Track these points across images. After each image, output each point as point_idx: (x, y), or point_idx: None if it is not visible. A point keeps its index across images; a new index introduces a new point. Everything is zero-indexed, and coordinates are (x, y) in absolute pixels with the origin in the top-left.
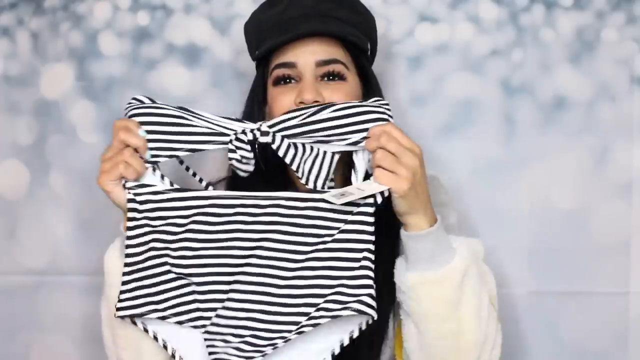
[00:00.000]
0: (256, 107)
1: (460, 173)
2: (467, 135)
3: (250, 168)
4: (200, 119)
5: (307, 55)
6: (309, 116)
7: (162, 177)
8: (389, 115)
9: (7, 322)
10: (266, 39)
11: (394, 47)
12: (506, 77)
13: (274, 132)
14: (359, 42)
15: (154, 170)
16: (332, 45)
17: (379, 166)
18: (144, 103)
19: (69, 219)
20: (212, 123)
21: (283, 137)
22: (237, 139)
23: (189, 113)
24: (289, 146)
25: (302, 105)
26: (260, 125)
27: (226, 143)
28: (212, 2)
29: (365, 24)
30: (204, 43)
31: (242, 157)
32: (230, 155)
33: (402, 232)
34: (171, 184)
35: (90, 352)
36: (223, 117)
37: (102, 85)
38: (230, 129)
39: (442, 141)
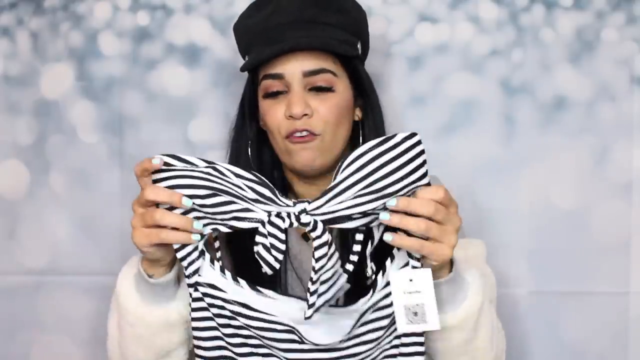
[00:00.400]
0: (247, 114)
1: (460, 173)
2: (467, 135)
3: (277, 265)
4: (231, 185)
5: (295, 66)
6: (351, 199)
7: (223, 270)
8: (425, 173)
9: (7, 322)
10: (253, 45)
11: (394, 47)
12: (506, 77)
13: (315, 219)
14: (348, 50)
15: (212, 262)
16: (319, 54)
17: (422, 237)
18: (171, 166)
19: (69, 219)
20: (245, 200)
21: (324, 223)
22: (272, 223)
23: (220, 178)
24: (324, 231)
25: (292, 120)
26: (301, 212)
27: (258, 221)
28: (212, 2)
29: (355, 23)
30: (204, 43)
31: (272, 246)
32: (259, 239)
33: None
34: (234, 280)
35: (90, 352)
36: (256, 182)
37: (102, 85)
38: (265, 203)
39: (442, 141)
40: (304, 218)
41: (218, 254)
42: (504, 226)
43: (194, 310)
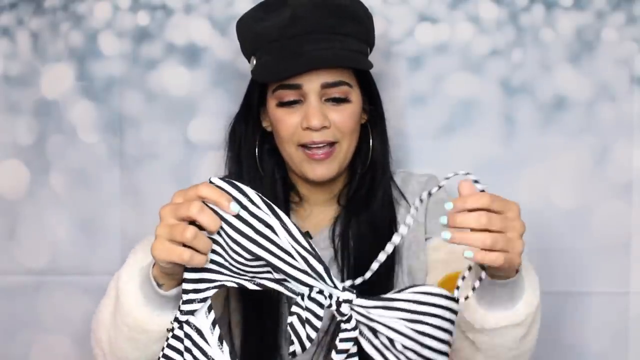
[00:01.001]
0: (253, 113)
1: None
2: (467, 135)
3: (308, 343)
4: (280, 249)
5: (313, 78)
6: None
7: (214, 324)
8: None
9: (7, 322)
10: (264, 52)
11: (394, 47)
12: (506, 77)
13: (352, 315)
14: (367, 63)
15: (208, 310)
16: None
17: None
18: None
19: (69, 219)
20: (293, 267)
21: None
22: (312, 299)
23: (273, 231)
24: (355, 329)
25: (309, 131)
26: (350, 300)
27: (298, 294)
28: (212, 2)
29: (366, 31)
30: (204, 43)
31: (308, 321)
32: (296, 309)
33: (485, 277)
34: (219, 340)
35: (90, 352)
36: (311, 253)
37: (102, 85)
38: (313, 278)
39: (442, 141)
40: (344, 309)
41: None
42: None
43: (169, 347)
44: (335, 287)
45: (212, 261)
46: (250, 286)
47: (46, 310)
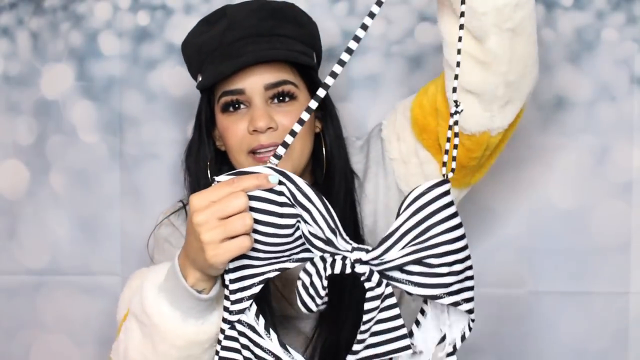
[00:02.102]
0: (205, 134)
1: None
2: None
3: (314, 307)
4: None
5: (255, 80)
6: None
7: (257, 315)
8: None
9: (7, 322)
10: (208, 63)
11: (394, 47)
12: None
13: (372, 269)
14: (306, 59)
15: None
16: (279, 65)
17: None
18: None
19: (69, 219)
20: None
21: (381, 276)
22: (316, 263)
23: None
24: (380, 284)
25: (256, 135)
26: (360, 259)
27: (302, 260)
28: (212, 2)
29: (309, 35)
30: None
31: (313, 285)
32: (302, 275)
33: None
34: (266, 330)
35: (90, 352)
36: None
37: (102, 85)
38: (323, 241)
39: None
40: (359, 268)
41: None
42: (504, 226)
43: (223, 349)
44: (345, 250)
45: (248, 256)
46: (291, 265)
47: (46, 310)
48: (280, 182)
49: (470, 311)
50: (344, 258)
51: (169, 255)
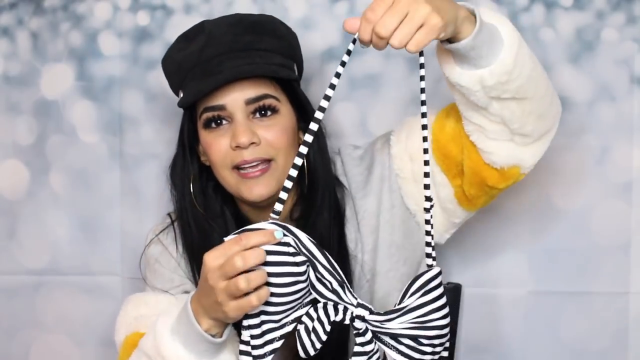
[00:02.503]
0: (188, 151)
1: None
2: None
3: (312, 351)
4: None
5: (236, 95)
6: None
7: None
8: None
9: (7, 322)
10: (188, 80)
11: None
12: None
13: (367, 327)
14: (286, 72)
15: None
16: (259, 80)
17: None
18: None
19: (69, 219)
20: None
21: (374, 334)
22: (325, 310)
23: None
24: (371, 342)
25: (239, 150)
26: (363, 316)
27: (305, 305)
28: (212, 2)
29: (289, 46)
30: None
31: (314, 331)
32: (305, 319)
33: (455, 47)
34: None
35: (90, 352)
36: (328, 269)
37: (102, 85)
38: (330, 291)
39: None
40: (358, 324)
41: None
42: (504, 226)
43: None
44: (349, 303)
45: (266, 311)
46: (303, 311)
47: (46, 310)
48: (285, 234)
49: None
50: (345, 309)
51: (160, 277)
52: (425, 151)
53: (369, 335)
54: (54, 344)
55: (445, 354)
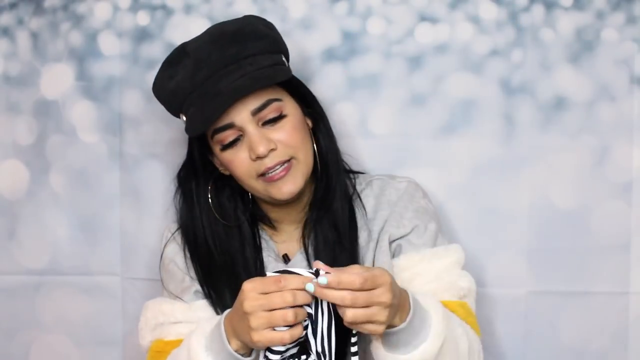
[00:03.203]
0: (199, 163)
1: (460, 173)
2: (467, 135)
3: None
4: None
5: (240, 110)
6: None
7: None
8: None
9: (7, 322)
10: (188, 105)
11: (394, 47)
12: (506, 77)
13: None
14: (284, 73)
15: None
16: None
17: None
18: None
19: (69, 219)
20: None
21: None
22: None
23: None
24: None
25: (260, 160)
26: None
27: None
28: (212, 2)
29: (273, 42)
30: None
31: None
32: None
33: (387, 332)
34: None
35: (90, 352)
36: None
37: (102, 85)
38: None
39: (442, 141)
40: None
41: None
42: (504, 226)
43: None
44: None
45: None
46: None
47: (46, 310)
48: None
49: None
50: None
51: (173, 277)
52: None
53: None
54: (53, 344)
55: None
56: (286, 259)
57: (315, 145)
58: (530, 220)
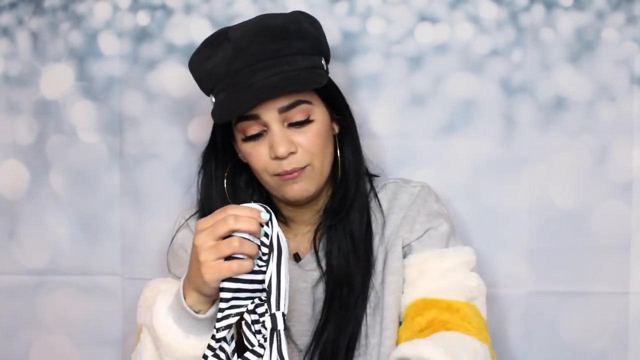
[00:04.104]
0: (220, 147)
1: (460, 173)
2: (467, 135)
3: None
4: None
5: (269, 105)
6: None
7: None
8: None
9: (7, 322)
10: (219, 89)
11: (394, 47)
12: (506, 77)
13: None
14: (320, 78)
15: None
16: None
17: None
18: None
19: (69, 219)
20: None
21: None
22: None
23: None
24: None
25: (278, 161)
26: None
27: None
28: (212, 2)
29: (315, 43)
30: None
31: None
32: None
33: None
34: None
35: (90, 352)
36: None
37: (102, 85)
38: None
39: (442, 141)
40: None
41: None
42: (504, 226)
43: None
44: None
45: (237, 298)
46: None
47: (46, 310)
48: (268, 221)
49: None
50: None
51: (180, 262)
52: None
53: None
54: (53, 344)
55: None
56: (297, 257)
57: (339, 152)
58: (531, 220)
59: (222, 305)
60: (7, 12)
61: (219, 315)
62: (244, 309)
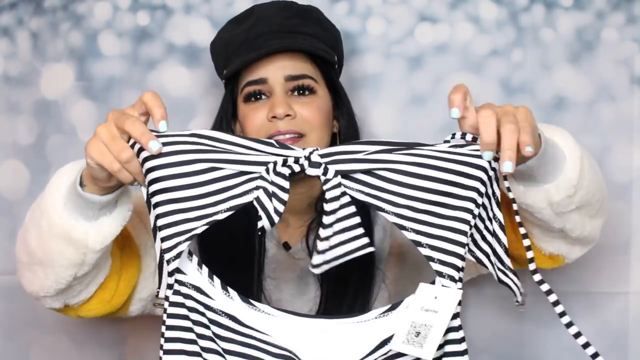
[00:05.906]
0: (225, 124)
1: None
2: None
3: (276, 217)
4: (226, 144)
5: (277, 71)
6: (377, 152)
7: (211, 277)
8: (490, 166)
9: (7, 322)
10: (234, 57)
11: (394, 47)
12: (506, 77)
13: (327, 163)
14: (328, 56)
15: (190, 255)
16: (301, 60)
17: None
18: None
19: None
20: (244, 147)
21: (337, 172)
22: (277, 172)
23: (208, 139)
24: (338, 186)
25: (275, 121)
26: (311, 153)
27: (262, 164)
28: (212, 2)
29: (332, 38)
30: (204, 43)
31: (274, 194)
32: (261, 183)
33: (522, 167)
34: (224, 289)
35: (90, 352)
36: (252, 140)
37: (102, 85)
38: (266, 154)
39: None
40: (315, 157)
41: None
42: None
43: (170, 316)
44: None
45: (176, 210)
46: (222, 216)
47: (46, 310)
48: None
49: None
50: (296, 160)
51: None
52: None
53: (331, 172)
54: (54, 344)
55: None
56: (287, 246)
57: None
58: None
59: (161, 221)
60: (7, 12)
61: (162, 234)
62: (198, 229)
